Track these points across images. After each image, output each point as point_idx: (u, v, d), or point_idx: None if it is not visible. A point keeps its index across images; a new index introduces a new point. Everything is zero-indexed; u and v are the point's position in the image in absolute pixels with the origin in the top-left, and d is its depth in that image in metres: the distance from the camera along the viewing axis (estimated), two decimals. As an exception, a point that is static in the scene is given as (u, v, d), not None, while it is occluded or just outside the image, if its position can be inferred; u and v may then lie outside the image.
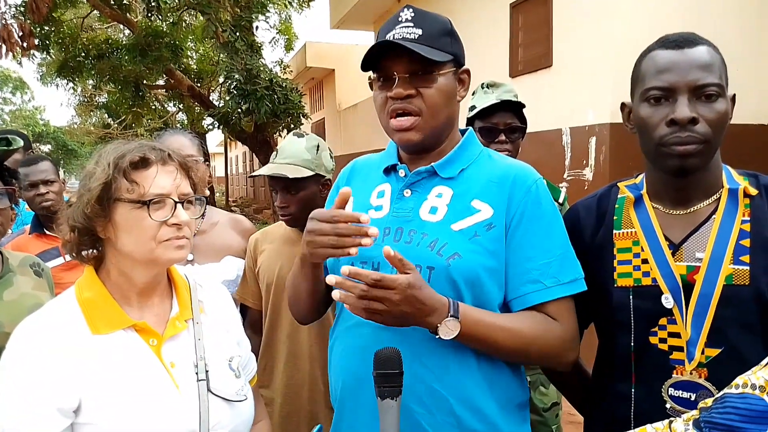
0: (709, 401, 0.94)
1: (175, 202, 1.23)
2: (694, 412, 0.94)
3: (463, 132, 1.48)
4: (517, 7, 7.05)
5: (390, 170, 1.47)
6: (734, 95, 1.30)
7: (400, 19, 1.35)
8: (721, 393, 0.93)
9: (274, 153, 2.13)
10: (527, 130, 2.39)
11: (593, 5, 5.90)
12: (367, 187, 1.49)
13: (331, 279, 1.21)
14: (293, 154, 2.07)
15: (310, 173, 2.04)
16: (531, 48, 6.84)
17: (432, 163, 1.40)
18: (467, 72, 1.44)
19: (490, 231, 1.32)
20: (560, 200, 2.45)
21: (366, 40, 14.29)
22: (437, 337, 1.23)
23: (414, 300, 1.19)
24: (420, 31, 1.32)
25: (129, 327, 1.24)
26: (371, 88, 1.43)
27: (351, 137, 13.32)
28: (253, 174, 2.17)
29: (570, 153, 6.24)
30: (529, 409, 1.45)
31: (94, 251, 1.28)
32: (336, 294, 1.22)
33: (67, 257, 2.93)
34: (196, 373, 1.26)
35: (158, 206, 1.22)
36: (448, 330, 1.23)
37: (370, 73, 1.42)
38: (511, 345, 1.28)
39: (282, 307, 2.09)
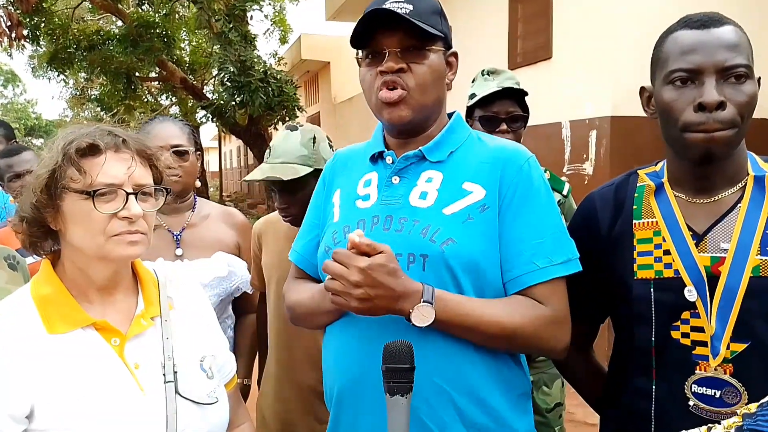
0: (753, 407, 0.86)
1: (127, 194, 1.14)
2: (736, 419, 0.86)
3: (450, 116, 1.44)
4: (515, -2, 6.97)
5: (377, 158, 1.42)
6: (759, 78, 1.22)
7: None
8: (767, 398, 0.85)
9: (268, 151, 1.99)
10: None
11: (593, -4, 5.82)
12: (353, 178, 1.44)
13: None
14: (287, 151, 1.92)
15: (308, 170, 1.88)
16: (530, 40, 6.77)
17: (420, 147, 1.35)
18: (455, 55, 1.40)
19: (484, 212, 1.28)
20: (564, 192, 2.38)
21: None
22: (412, 324, 1.18)
23: (377, 283, 1.15)
24: (411, 7, 1.28)
25: (88, 325, 1.15)
26: (359, 65, 1.37)
27: (347, 131, 13.24)
28: (247, 179, 2.03)
29: (570, 147, 6.18)
30: (531, 399, 1.39)
31: (55, 245, 1.19)
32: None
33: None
34: (164, 375, 1.17)
35: (108, 197, 1.13)
36: (422, 316, 1.18)
37: (359, 52, 1.36)
38: (494, 331, 1.23)
39: (282, 310, 1.98)
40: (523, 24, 6.90)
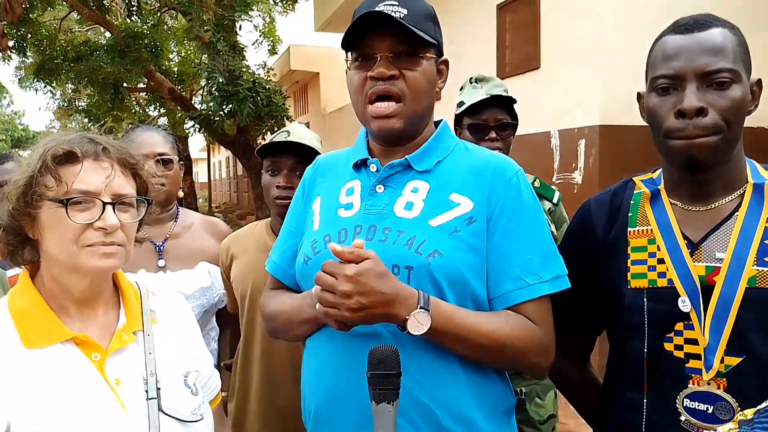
0: (749, 413, 0.83)
1: (104, 203, 1.10)
2: (731, 425, 0.83)
3: (436, 124, 1.40)
4: (504, 8, 7.00)
5: (360, 165, 1.38)
6: (759, 80, 1.20)
7: None
8: (764, 404, 0.82)
9: (285, 134, 1.99)
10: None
11: (581, 6, 5.85)
12: (334, 185, 1.40)
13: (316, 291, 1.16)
14: (306, 135, 1.97)
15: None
16: (518, 49, 6.79)
17: (406, 156, 1.31)
18: (446, 63, 1.37)
19: (471, 225, 1.24)
20: (554, 201, 2.36)
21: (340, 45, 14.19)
22: (406, 332, 1.13)
23: (369, 290, 1.10)
24: (405, 11, 1.24)
25: (67, 340, 1.11)
26: (348, 68, 1.33)
27: (336, 141, 13.22)
28: (267, 142, 2.01)
29: (559, 156, 6.18)
30: (514, 414, 1.36)
31: (35, 255, 1.15)
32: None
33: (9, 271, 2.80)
34: (146, 391, 1.13)
35: (83, 206, 1.09)
36: (418, 324, 1.13)
37: (348, 54, 1.32)
38: (486, 344, 1.19)
39: (256, 323, 1.93)
40: (512, 34, 6.93)
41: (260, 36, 16.66)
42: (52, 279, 1.14)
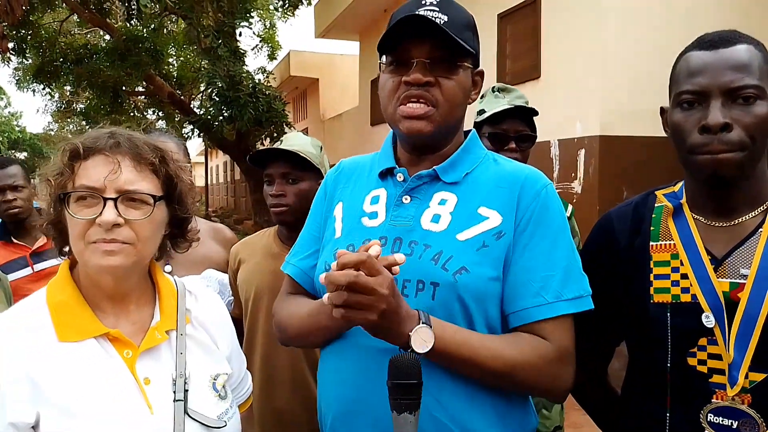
0: None
1: (105, 199, 1.07)
2: None
3: (465, 134, 1.37)
4: (505, 18, 7.02)
5: (386, 174, 1.34)
6: None
7: (423, 1, 1.22)
8: None
9: (279, 142, 2.01)
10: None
11: (582, 17, 5.88)
12: (358, 192, 1.36)
13: (323, 278, 1.06)
14: (300, 144, 1.97)
15: (316, 161, 1.96)
16: (519, 59, 6.81)
17: (434, 167, 1.28)
18: (481, 74, 1.34)
19: (499, 240, 1.20)
20: (567, 214, 2.34)
21: (351, 49, 14.25)
22: (409, 351, 1.08)
23: (392, 310, 1.05)
24: (446, 17, 1.21)
25: (101, 335, 1.09)
26: (380, 71, 1.30)
27: (335, 148, 13.22)
28: (257, 151, 2.01)
29: (558, 165, 6.19)
30: None
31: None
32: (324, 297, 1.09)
33: (36, 267, 2.79)
34: (174, 392, 1.11)
35: (87, 202, 1.08)
36: (422, 341, 1.08)
37: (383, 57, 1.28)
38: (494, 367, 1.15)
39: (258, 327, 1.94)
40: (512, 44, 6.95)
41: (260, 41, 16.69)
42: (85, 273, 1.14)
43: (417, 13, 1.19)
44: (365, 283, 1.02)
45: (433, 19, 1.18)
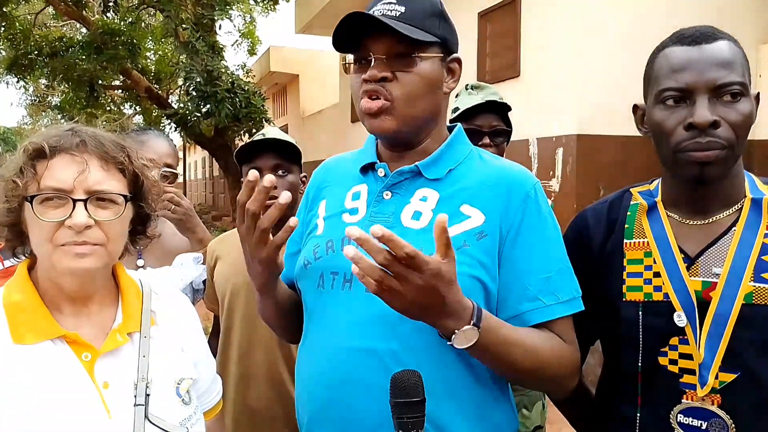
0: None
1: (74, 200, 1.03)
2: None
3: (450, 129, 1.34)
4: (485, 16, 7.03)
5: (368, 169, 1.31)
6: (758, 94, 1.19)
7: None
8: None
9: (260, 135, 1.98)
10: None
11: (562, 16, 5.91)
12: (340, 189, 1.34)
13: (349, 251, 0.95)
14: (284, 136, 1.95)
15: (298, 159, 1.97)
16: (498, 58, 6.82)
17: (416, 162, 1.25)
18: (458, 61, 1.30)
19: (481, 240, 1.17)
20: None
21: (332, 45, 14.16)
22: (448, 343, 1.05)
23: (436, 294, 0.97)
24: (403, 9, 1.18)
25: (58, 337, 1.06)
26: (345, 72, 1.28)
27: (315, 144, 13.15)
28: (247, 143, 1.97)
29: (537, 164, 6.22)
30: None
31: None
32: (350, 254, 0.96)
33: (6, 263, 2.71)
34: (134, 396, 1.07)
35: (54, 203, 1.04)
36: (465, 339, 1.04)
37: (346, 57, 1.26)
38: (527, 365, 1.13)
39: (235, 323, 1.91)
40: (492, 42, 6.96)
41: (240, 37, 16.54)
42: (45, 274, 1.10)
43: (373, 10, 1.18)
44: (405, 275, 0.95)
45: (389, 12, 1.17)
